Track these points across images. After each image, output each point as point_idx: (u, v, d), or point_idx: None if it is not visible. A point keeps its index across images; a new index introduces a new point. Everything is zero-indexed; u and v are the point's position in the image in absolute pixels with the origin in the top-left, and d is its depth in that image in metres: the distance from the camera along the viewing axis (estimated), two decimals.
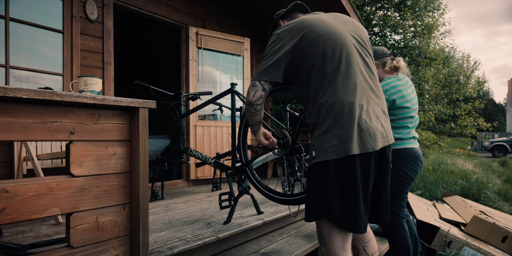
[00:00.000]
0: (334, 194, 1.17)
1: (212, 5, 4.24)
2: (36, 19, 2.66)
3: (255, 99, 1.31)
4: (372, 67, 1.32)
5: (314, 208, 1.23)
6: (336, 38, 1.24)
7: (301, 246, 2.09)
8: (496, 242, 2.67)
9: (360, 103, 1.19)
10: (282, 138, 1.69)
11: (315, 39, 1.23)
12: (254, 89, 1.30)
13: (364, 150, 1.16)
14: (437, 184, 5.57)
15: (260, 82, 1.30)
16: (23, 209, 1.00)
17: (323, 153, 1.18)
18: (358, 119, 1.17)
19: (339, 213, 1.17)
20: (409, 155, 2.00)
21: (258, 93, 1.30)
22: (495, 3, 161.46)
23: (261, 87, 1.30)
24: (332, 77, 1.20)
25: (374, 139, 1.18)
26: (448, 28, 19.75)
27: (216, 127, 4.11)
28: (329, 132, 1.18)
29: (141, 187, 1.28)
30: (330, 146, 1.17)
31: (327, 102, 1.19)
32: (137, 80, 2.53)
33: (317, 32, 1.24)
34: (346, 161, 1.16)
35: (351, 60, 1.23)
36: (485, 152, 18.53)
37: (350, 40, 1.27)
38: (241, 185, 2.14)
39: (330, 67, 1.21)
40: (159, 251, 1.56)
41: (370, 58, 1.34)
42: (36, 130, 1.04)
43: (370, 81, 1.28)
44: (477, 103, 7.77)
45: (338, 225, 1.18)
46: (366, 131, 1.17)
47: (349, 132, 1.16)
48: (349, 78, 1.21)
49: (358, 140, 1.16)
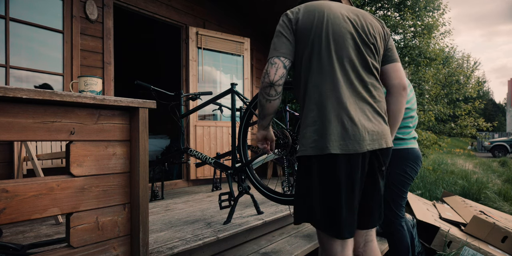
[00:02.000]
0: (315, 195, 1.13)
1: (212, 5, 4.24)
2: (36, 19, 2.66)
3: (277, 78, 1.17)
4: (371, 65, 1.24)
5: (300, 210, 1.21)
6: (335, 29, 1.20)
7: (301, 246, 2.09)
8: (496, 242, 2.67)
9: (347, 101, 1.14)
10: (282, 138, 1.69)
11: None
12: (274, 67, 1.18)
13: (346, 151, 1.10)
14: (437, 184, 5.57)
15: (279, 58, 1.19)
16: (23, 209, 1.00)
17: (303, 148, 1.16)
18: (342, 117, 1.12)
19: (320, 216, 1.13)
20: (411, 155, 2.01)
21: (280, 71, 1.17)
22: (494, 3, 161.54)
23: (281, 64, 1.19)
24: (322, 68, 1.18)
25: (358, 141, 1.12)
26: (448, 28, 19.74)
27: (216, 127, 4.11)
28: (311, 126, 1.15)
29: (141, 187, 1.28)
30: (311, 141, 1.14)
31: (313, 95, 1.17)
32: (137, 80, 2.53)
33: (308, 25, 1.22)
34: (326, 160, 1.11)
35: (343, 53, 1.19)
36: (485, 152, 18.53)
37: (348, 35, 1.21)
38: (241, 185, 2.14)
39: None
40: (159, 251, 1.56)
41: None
42: (36, 130, 1.04)
43: (367, 80, 1.21)
44: (477, 103, 7.77)
45: (320, 229, 1.15)
46: (350, 132, 1.12)
47: (330, 129, 1.11)
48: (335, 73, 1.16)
49: (340, 140, 1.11)
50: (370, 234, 1.34)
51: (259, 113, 1.28)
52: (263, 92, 1.20)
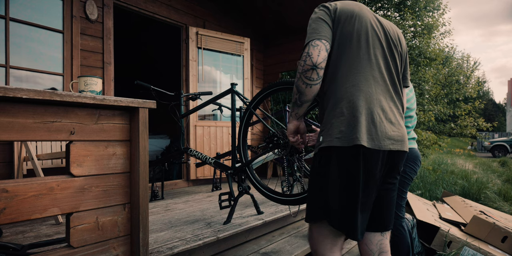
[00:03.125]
0: (333, 189, 1.11)
1: (212, 5, 4.24)
2: (36, 19, 2.66)
3: (321, 60, 1.11)
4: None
5: (314, 206, 1.18)
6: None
7: (301, 246, 2.09)
8: (496, 242, 2.67)
9: (381, 97, 1.15)
10: (283, 138, 1.69)
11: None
12: (317, 49, 1.12)
13: (372, 145, 1.08)
14: (437, 184, 5.56)
15: (321, 41, 1.14)
16: (23, 209, 1.00)
17: (329, 138, 1.11)
18: (373, 112, 1.12)
19: (336, 213, 1.11)
20: (410, 155, 2.01)
21: (322, 53, 1.12)
22: (493, 3, 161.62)
23: (323, 46, 1.14)
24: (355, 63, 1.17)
25: (384, 138, 1.11)
26: (448, 28, 19.74)
27: (216, 127, 4.11)
28: (339, 117, 1.12)
29: (141, 187, 1.28)
30: (338, 132, 1.10)
31: (343, 86, 1.15)
32: (137, 80, 2.54)
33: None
34: (349, 151, 1.08)
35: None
36: (485, 152, 18.53)
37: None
38: (241, 185, 2.14)
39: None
40: (159, 251, 1.56)
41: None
42: (36, 130, 1.04)
43: (397, 82, 1.24)
44: (477, 103, 7.77)
45: (337, 228, 1.12)
46: (378, 127, 1.11)
47: (360, 121, 1.09)
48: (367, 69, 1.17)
49: (367, 134, 1.09)
50: (385, 243, 1.29)
51: (295, 101, 1.20)
52: (302, 76, 1.13)
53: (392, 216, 1.27)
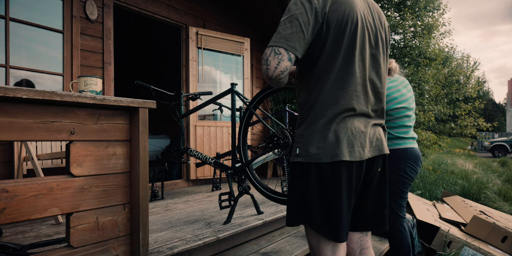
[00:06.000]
0: (315, 201, 1.09)
1: (212, 5, 4.24)
2: (36, 19, 2.66)
3: (278, 73, 1.04)
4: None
5: (295, 213, 1.15)
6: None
7: (301, 246, 2.09)
8: (496, 242, 2.67)
9: (362, 107, 1.11)
10: (283, 138, 1.69)
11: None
12: (277, 58, 1.04)
13: (353, 158, 1.06)
14: (437, 184, 5.56)
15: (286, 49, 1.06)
16: (23, 209, 1.00)
17: (307, 154, 1.08)
18: (351, 123, 1.09)
19: (320, 220, 1.09)
20: (410, 154, 2.00)
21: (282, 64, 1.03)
22: (491, 3, 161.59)
23: (287, 56, 1.03)
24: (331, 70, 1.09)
25: (363, 148, 1.09)
26: (448, 28, 19.72)
27: (216, 127, 4.11)
28: (317, 133, 1.08)
29: (141, 187, 1.28)
30: (315, 148, 1.07)
31: (319, 97, 1.09)
32: (137, 80, 2.54)
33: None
34: (329, 167, 1.06)
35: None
36: (485, 152, 18.53)
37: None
38: (241, 185, 2.14)
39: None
40: (159, 251, 1.56)
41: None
42: (36, 130, 1.04)
43: (377, 81, 1.17)
44: (477, 103, 7.76)
45: (319, 232, 1.11)
46: (358, 139, 1.08)
47: (341, 138, 1.06)
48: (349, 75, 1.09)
49: (349, 147, 1.06)
50: (365, 239, 1.30)
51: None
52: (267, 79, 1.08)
53: (381, 219, 1.24)
